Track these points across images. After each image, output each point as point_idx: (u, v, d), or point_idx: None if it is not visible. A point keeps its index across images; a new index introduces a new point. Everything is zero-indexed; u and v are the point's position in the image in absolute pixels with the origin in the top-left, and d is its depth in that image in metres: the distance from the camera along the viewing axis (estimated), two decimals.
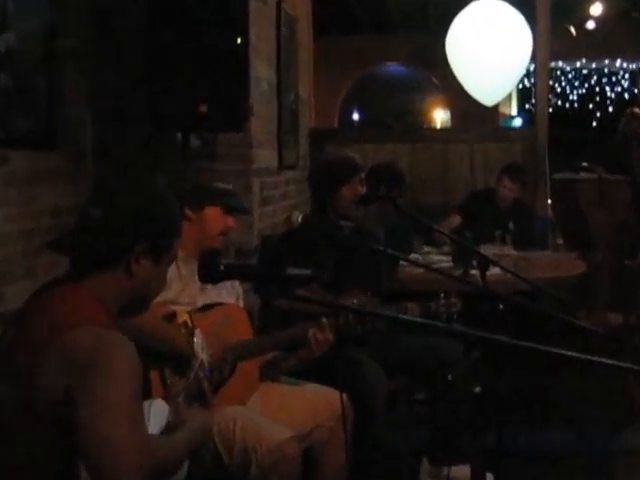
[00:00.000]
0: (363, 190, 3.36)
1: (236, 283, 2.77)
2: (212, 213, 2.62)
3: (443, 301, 2.99)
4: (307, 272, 1.85)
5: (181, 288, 2.58)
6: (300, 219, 2.97)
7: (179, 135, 3.50)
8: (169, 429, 1.85)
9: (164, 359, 2.40)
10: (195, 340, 2.42)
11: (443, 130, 9.95)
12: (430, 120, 15.90)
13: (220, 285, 2.68)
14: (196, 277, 2.44)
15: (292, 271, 1.82)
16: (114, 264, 1.72)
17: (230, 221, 2.66)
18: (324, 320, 2.68)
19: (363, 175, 3.42)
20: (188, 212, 2.58)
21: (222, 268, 1.88)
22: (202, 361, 2.39)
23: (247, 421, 2.47)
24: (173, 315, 2.47)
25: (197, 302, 2.60)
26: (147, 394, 1.90)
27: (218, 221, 2.63)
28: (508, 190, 5.20)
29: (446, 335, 3.22)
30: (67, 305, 1.66)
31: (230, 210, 2.67)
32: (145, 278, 1.75)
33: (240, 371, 2.62)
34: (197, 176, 2.73)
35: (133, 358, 1.60)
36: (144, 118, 3.24)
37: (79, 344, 1.58)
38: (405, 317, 1.75)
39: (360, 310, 2.72)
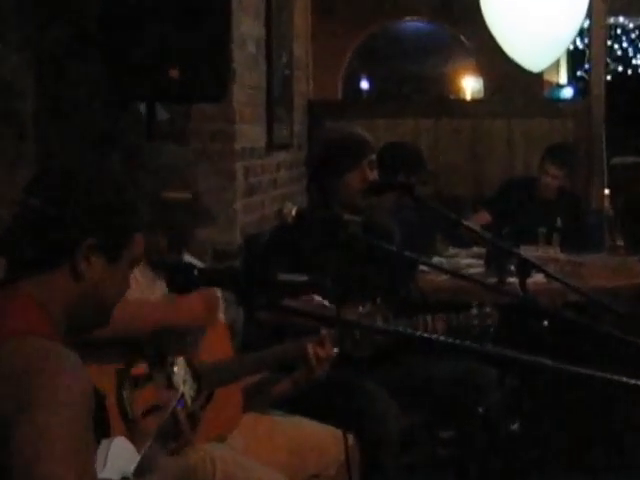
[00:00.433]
0: (374, 176, 3.35)
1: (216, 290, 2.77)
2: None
3: (475, 311, 3.00)
4: (303, 278, 1.85)
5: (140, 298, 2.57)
6: (295, 212, 2.95)
7: (142, 106, 3.48)
8: (138, 475, 1.83)
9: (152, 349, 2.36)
10: (175, 370, 2.40)
11: (474, 102, 9.89)
12: (458, 90, 15.89)
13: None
14: (157, 285, 2.45)
15: (284, 277, 1.83)
16: (57, 263, 1.72)
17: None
18: (324, 332, 2.69)
19: (374, 157, 3.40)
20: None
21: (196, 274, 1.87)
22: (182, 394, 2.36)
23: (230, 464, 2.44)
24: None
25: None
26: (104, 426, 1.90)
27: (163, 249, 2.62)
28: (552, 178, 5.15)
29: (477, 358, 3.21)
30: (1, 312, 1.66)
31: (172, 243, 2.58)
32: (98, 281, 1.75)
33: (219, 399, 2.57)
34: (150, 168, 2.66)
35: (82, 378, 1.59)
36: (98, 84, 3.23)
37: (15, 359, 1.57)
38: (424, 334, 1.74)
39: (367, 326, 2.72)
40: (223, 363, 2.62)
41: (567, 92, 13.82)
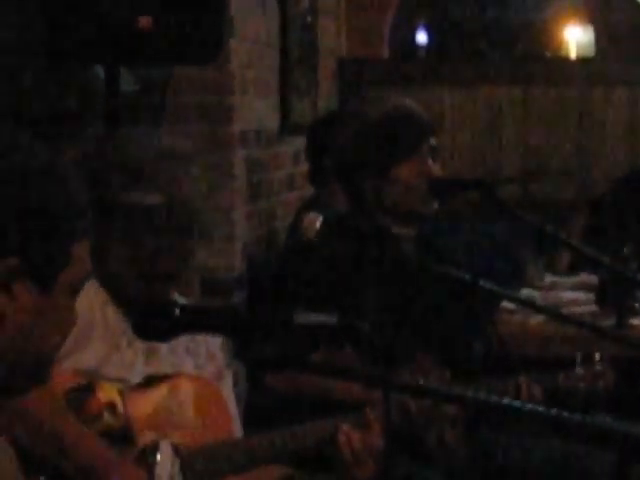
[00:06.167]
0: (437, 169, 3.35)
1: (215, 342, 2.83)
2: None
3: (581, 370, 3.03)
4: (332, 320, 1.85)
5: (107, 350, 2.63)
6: (320, 224, 2.95)
7: (101, 70, 3.55)
8: None
9: None
10: (158, 460, 2.47)
11: (582, 62, 9.94)
12: (557, 44, 15.91)
13: (183, 347, 2.73)
14: (126, 335, 2.47)
15: (305, 318, 1.83)
16: None
17: None
18: (368, 411, 2.71)
19: (435, 142, 3.41)
20: None
21: (177, 313, 1.88)
22: None
23: None
24: (88, 389, 2.51)
25: (136, 376, 2.65)
26: None
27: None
28: None
29: (584, 436, 3.21)
30: None
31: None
32: (24, 318, 1.76)
33: None
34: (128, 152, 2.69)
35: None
36: (39, 42, 3.25)
37: None
38: (515, 404, 1.72)
39: (431, 391, 2.72)
40: (222, 446, 2.66)
41: None
